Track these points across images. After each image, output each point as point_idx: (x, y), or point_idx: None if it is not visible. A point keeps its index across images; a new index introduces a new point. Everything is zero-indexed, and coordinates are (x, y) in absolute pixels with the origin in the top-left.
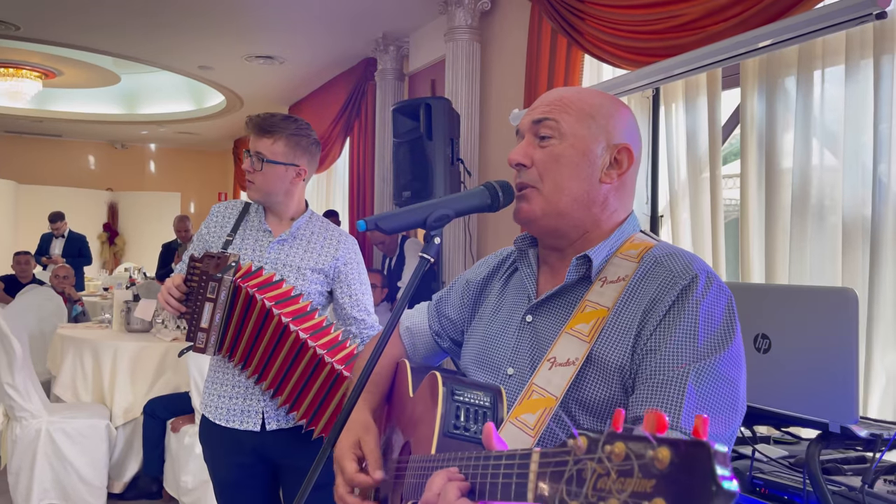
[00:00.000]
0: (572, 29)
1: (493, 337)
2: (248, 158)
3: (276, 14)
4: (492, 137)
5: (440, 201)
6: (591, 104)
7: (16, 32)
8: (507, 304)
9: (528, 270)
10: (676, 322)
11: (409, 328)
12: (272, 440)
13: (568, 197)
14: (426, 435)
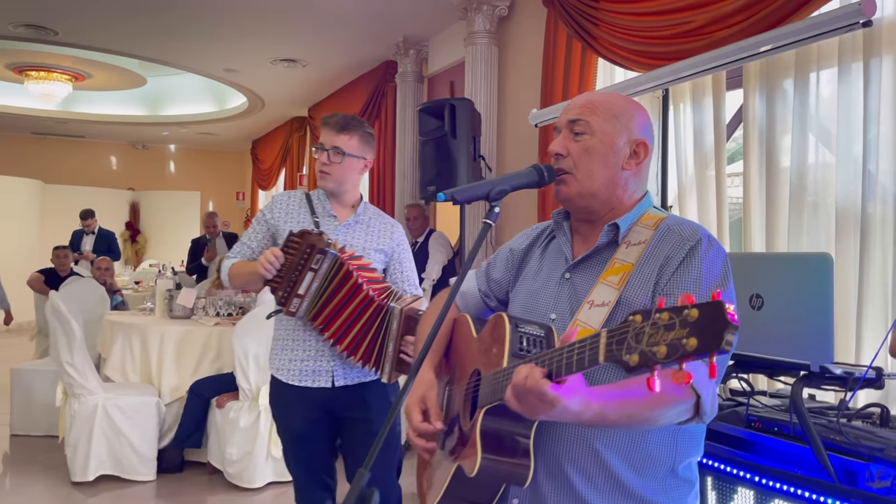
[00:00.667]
0: (587, 34)
1: (537, 291)
2: (323, 153)
3: (301, 19)
4: (508, 135)
5: (499, 179)
6: (616, 106)
7: (54, 38)
8: (547, 265)
9: (564, 238)
10: (686, 273)
11: (462, 292)
12: (339, 395)
13: (597, 181)
14: (496, 357)
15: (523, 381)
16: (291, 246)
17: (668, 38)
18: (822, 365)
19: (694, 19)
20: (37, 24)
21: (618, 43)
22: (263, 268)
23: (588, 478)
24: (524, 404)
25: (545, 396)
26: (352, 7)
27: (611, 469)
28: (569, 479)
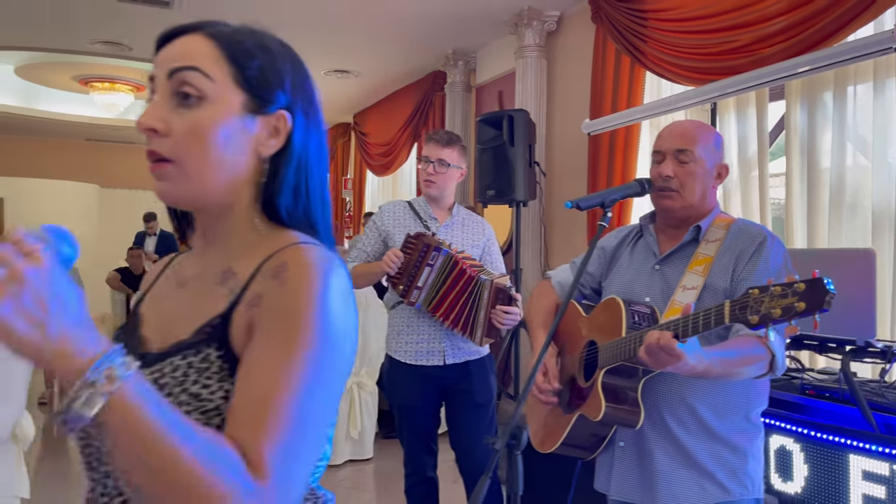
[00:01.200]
0: (635, 49)
1: (631, 280)
2: (429, 164)
3: (358, 33)
4: (556, 143)
5: (610, 190)
6: (710, 138)
7: (129, 53)
8: (638, 260)
9: (651, 238)
10: (756, 262)
11: (559, 282)
12: (448, 372)
13: (696, 197)
14: (614, 330)
15: (656, 341)
16: (409, 246)
17: (715, 54)
18: (867, 340)
19: (739, 38)
20: (114, 40)
21: (665, 58)
22: (388, 266)
23: (681, 422)
24: (654, 359)
25: (674, 352)
26: (406, 22)
27: (699, 415)
28: (666, 423)
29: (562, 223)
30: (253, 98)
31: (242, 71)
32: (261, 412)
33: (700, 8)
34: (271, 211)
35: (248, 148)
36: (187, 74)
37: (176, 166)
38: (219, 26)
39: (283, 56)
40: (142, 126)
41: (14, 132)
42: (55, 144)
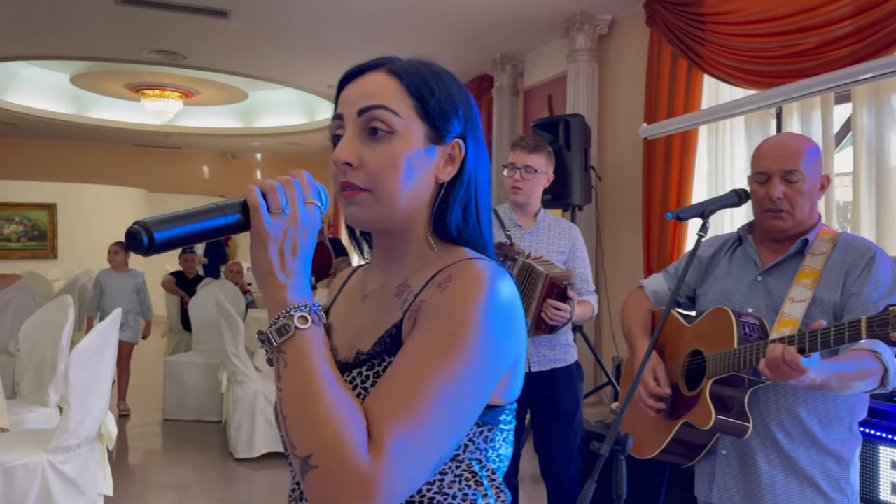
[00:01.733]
0: (692, 52)
1: (730, 290)
2: (516, 171)
3: (403, 37)
4: (608, 145)
5: (708, 201)
6: (814, 153)
7: (183, 61)
8: (737, 269)
9: (752, 249)
10: (866, 278)
11: (654, 291)
12: (533, 379)
13: (805, 213)
14: (722, 340)
15: (780, 355)
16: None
17: (779, 57)
18: None
19: (805, 42)
20: (168, 49)
21: (725, 62)
22: None
23: (787, 431)
24: (776, 372)
25: (798, 366)
26: (455, 26)
27: (804, 424)
28: (771, 432)
29: (616, 227)
30: (433, 129)
31: (424, 105)
32: (396, 395)
33: (762, 11)
34: (444, 229)
35: (430, 174)
36: (377, 112)
37: (370, 194)
38: (397, 62)
39: (454, 86)
40: (338, 160)
41: (66, 139)
42: (104, 150)
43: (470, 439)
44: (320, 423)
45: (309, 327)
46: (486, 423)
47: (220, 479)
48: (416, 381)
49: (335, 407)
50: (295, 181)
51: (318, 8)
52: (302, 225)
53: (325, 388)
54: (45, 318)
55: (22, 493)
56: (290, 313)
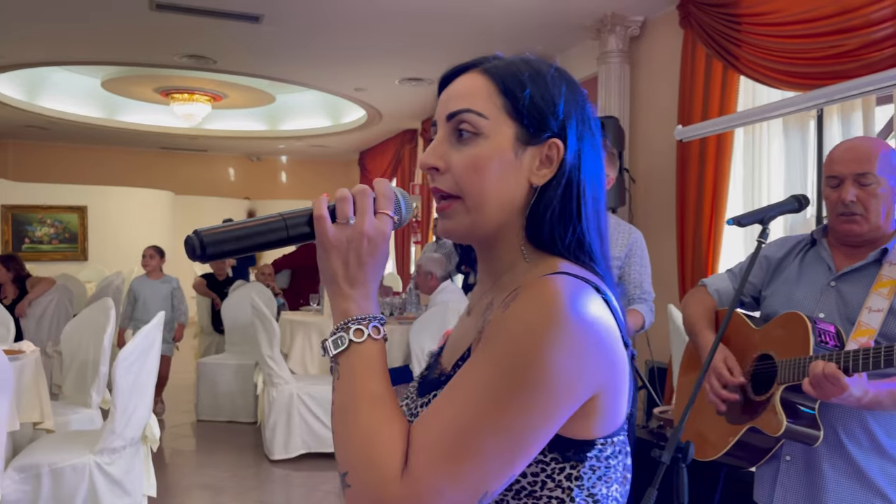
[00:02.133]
0: (728, 54)
1: (800, 294)
2: None
3: (433, 40)
4: (640, 147)
5: (768, 207)
6: (885, 155)
7: (214, 66)
8: (808, 273)
9: (826, 253)
10: None
11: (717, 290)
12: None
13: (881, 218)
14: (796, 347)
15: (821, 371)
16: None
17: (819, 59)
18: None
19: (845, 43)
20: (199, 54)
21: (763, 63)
22: None
23: (854, 438)
24: (818, 389)
25: (839, 383)
26: (484, 29)
27: (872, 433)
28: (839, 438)
29: (650, 230)
30: (525, 129)
31: (514, 103)
32: (437, 424)
33: (801, 13)
34: (539, 238)
35: (521, 178)
36: (463, 115)
37: (461, 203)
38: (494, 60)
39: (555, 82)
40: (423, 164)
41: (96, 142)
42: (132, 153)
43: (548, 476)
44: (357, 443)
45: (364, 341)
46: (570, 458)
47: (256, 481)
48: (459, 411)
49: (375, 428)
50: (369, 191)
51: (350, 11)
52: (367, 235)
53: (368, 406)
54: (87, 320)
55: (70, 493)
56: (347, 325)
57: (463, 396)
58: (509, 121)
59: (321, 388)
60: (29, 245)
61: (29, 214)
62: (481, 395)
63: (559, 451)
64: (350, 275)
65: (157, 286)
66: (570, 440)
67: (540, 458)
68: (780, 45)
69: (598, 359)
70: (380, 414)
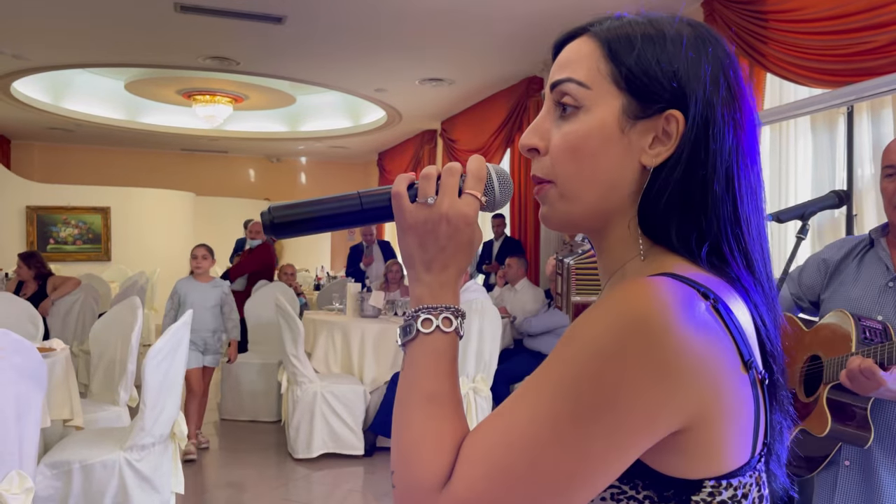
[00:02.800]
0: (754, 51)
1: (859, 296)
2: None
3: (453, 42)
4: None
5: (807, 203)
6: None
7: (236, 67)
8: (867, 274)
9: (885, 252)
10: None
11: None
12: None
13: None
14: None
15: (857, 367)
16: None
17: (848, 55)
18: None
19: (876, 39)
20: (223, 56)
21: (790, 60)
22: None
23: None
24: (855, 383)
25: (875, 377)
26: (503, 29)
27: None
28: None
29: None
30: (634, 99)
31: (621, 69)
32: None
33: (829, 9)
34: (653, 232)
35: (631, 158)
36: (564, 86)
37: (553, 187)
38: (608, 22)
39: (679, 42)
40: (522, 146)
41: (119, 144)
42: (154, 155)
43: None
44: (405, 444)
45: (432, 332)
46: (668, 500)
47: (280, 479)
48: (511, 427)
49: (426, 428)
50: (459, 169)
51: (371, 12)
52: (447, 217)
53: (423, 405)
54: (114, 319)
55: (100, 489)
56: (417, 313)
57: (518, 411)
58: (615, 90)
59: (344, 388)
60: (53, 246)
61: (53, 215)
62: (538, 411)
63: (654, 488)
64: (427, 259)
65: (205, 290)
66: (669, 478)
67: (632, 493)
68: (808, 42)
69: (692, 382)
70: (434, 416)
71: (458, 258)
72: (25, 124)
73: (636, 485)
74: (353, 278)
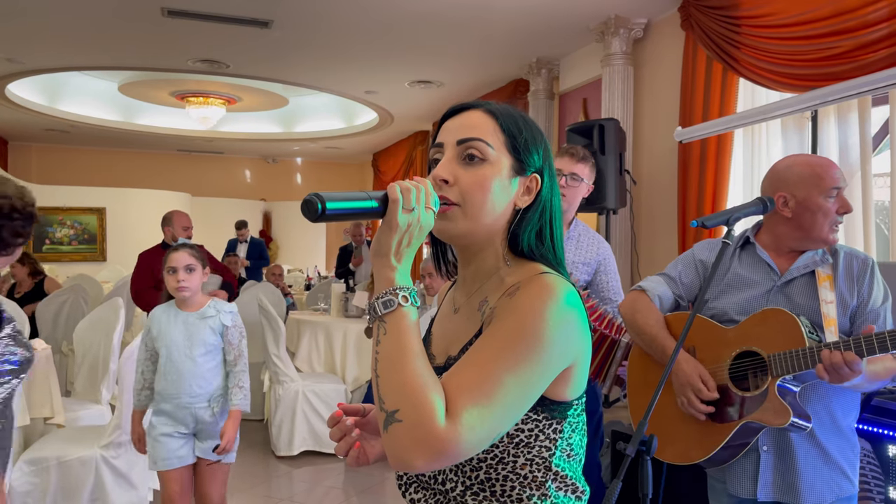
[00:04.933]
0: (728, 56)
1: (748, 297)
2: (563, 177)
3: (442, 45)
4: (644, 150)
5: (733, 209)
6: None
7: (226, 70)
8: (751, 275)
9: (764, 254)
10: (872, 284)
11: (658, 296)
12: None
13: None
14: (786, 340)
15: (840, 359)
16: None
17: (814, 60)
18: None
19: (840, 45)
20: (213, 59)
21: (761, 65)
22: None
23: (820, 422)
24: (834, 375)
25: (856, 368)
26: (491, 33)
27: (834, 415)
28: None
29: (651, 231)
30: (518, 162)
31: (514, 141)
32: (469, 375)
33: (797, 14)
34: (518, 248)
35: (510, 200)
36: (475, 143)
37: (460, 208)
38: (493, 105)
39: (536, 129)
40: (437, 177)
41: (114, 145)
42: (150, 156)
43: (540, 430)
44: (409, 385)
45: (408, 306)
46: (556, 416)
47: (263, 476)
48: (487, 365)
49: (422, 375)
50: (422, 187)
51: (356, 16)
52: (420, 224)
53: (415, 357)
54: (98, 319)
55: (77, 485)
56: (395, 291)
57: (486, 356)
58: (507, 154)
59: (326, 387)
60: (49, 246)
61: (49, 216)
62: (502, 354)
63: (548, 411)
64: (400, 252)
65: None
66: (556, 402)
67: (534, 416)
68: (777, 47)
69: (578, 335)
70: (424, 365)
71: (413, 255)
72: (22, 126)
73: (537, 410)
74: (343, 278)
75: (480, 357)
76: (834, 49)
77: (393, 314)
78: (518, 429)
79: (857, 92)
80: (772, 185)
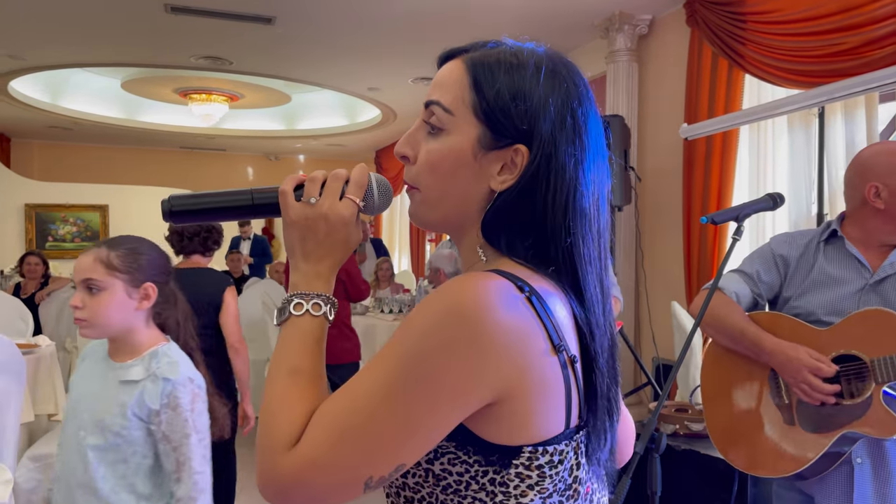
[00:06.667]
0: (733, 52)
1: (838, 296)
2: None
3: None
4: (648, 146)
5: (742, 205)
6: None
7: (229, 66)
8: (839, 272)
9: (854, 248)
10: None
11: (736, 293)
12: None
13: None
14: (888, 343)
15: None
16: None
17: (821, 57)
18: None
19: (847, 41)
20: (215, 55)
21: (767, 61)
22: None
23: None
24: None
25: None
26: (493, 28)
27: None
28: None
29: (656, 228)
30: (489, 131)
31: (481, 101)
32: (331, 402)
33: (803, 10)
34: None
35: (479, 180)
36: (432, 107)
37: (419, 193)
38: (480, 49)
39: (536, 79)
40: (396, 153)
41: (117, 142)
42: (152, 153)
43: (472, 477)
44: (266, 410)
45: (302, 315)
46: (493, 463)
47: None
48: (352, 395)
49: (284, 399)
50: (344, 176)
51: (360, 13)
52: (325, 217)
53: (286, 377)
54: None
55: None
56: (291, 298)
57: (359, 382)
58: (475, 120)
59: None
60: (52, 243)
61: (52, 213)
62: (374, 382)
63: (482, 454)
64: (305, 251)
65: (116, 390)
66: (493, 445)
67: (465, 458)
68: (783, 43)
69: (501, 362)
70: (294, 388)
71: (334, 253)
72: (24, 123)
73: (468, 451)
74: None
75: (354, 383)
76: (840, 45)
77: (284, 324)
78: (445, 469)
79: (864, 88)
80: (859, 176)
